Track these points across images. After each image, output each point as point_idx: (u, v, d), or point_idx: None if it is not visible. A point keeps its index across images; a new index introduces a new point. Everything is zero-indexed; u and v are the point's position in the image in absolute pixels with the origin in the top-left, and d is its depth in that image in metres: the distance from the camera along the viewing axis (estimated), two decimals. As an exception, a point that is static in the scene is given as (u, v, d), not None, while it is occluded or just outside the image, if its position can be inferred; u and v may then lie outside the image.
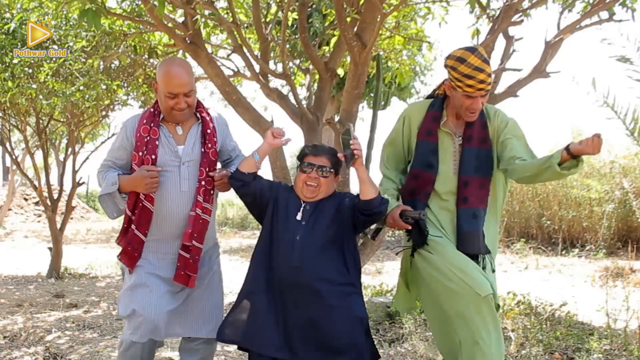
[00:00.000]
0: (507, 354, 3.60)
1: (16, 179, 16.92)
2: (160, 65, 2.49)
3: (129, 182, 2.41)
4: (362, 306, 2.43)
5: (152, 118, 2.47)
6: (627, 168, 9.28)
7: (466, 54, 2.37)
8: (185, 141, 2.50)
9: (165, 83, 2.41)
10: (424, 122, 2.60)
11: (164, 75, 2.42)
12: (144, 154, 2.42)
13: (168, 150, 2.47)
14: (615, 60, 3.09)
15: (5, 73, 5.78)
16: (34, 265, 8.29)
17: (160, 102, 2.47)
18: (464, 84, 2.38)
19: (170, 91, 2.40)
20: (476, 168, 2.52)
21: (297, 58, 7.63)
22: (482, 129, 2.54)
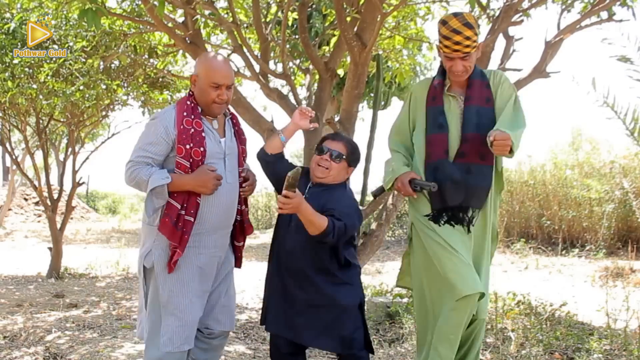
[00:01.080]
0: (507, 354, 3.61)
1: (16, 179, 16.92)
2: (202, 58, 2.47)
3: (189, 181, 2.32)
4: (348, 295, 2.49)
5: (191, 111, 2.41)
6: (627, 168, 9.28)
7: (449, 17, 2.53)
8: (225, 134, 2.52)
9: (210, 74, 2.38)
10: (430, 91, 2.74)
11: (209, 66, 2.40)
12: (192, 146, 2.34)
13: (214, 142, 2.44)
14: (616, 60, 3.09)
15: (5, 73, 5.78)
16: (34, 265, 8.29)
17: (201, 95, 2.42)
18: (443, 44, 2.55)
19: (215, 82, 2.38)
20: (476, 125, 2.61)
21: (297, 58, 7.64)
22: (485, 89, 2.65)
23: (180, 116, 2.37)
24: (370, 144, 4.83)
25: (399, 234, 12.10)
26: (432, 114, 2.70)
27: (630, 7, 4.56)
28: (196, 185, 2.33)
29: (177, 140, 2.34)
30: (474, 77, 2.64)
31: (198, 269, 2.42)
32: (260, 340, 4.18)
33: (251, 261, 9.61)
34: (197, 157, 2.35)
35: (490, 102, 2.63)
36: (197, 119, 2.40)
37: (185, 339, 2.38)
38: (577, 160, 10.26)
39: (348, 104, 4.30)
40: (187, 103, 2.43)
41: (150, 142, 2.36)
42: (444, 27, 2.52)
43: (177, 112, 2.39)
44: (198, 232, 2.40)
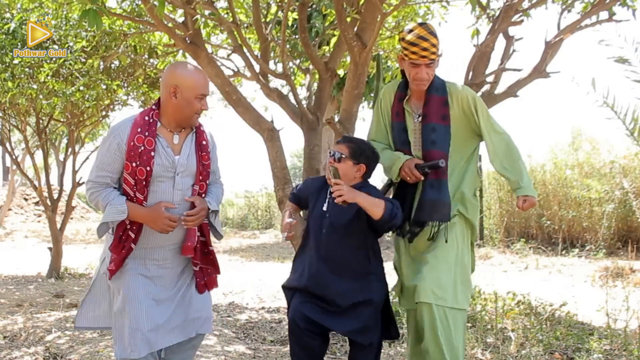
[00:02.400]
0: (507, 354, 3.61)
1: (16, 179, 16.92)
2: (178, 69, 2.38)
3: (143, 216, 2.33)
4: (379, 291, 2.63)
5: (146, 127, 2.35)
6: (627, 168, 9.28)
7: (415, 26, 2.61)
8: (181, 151, 2.43)
9: (197, 85, 2.35)
10: (394, 103, 2.81)
11: (193, 77, 2.35)
12: (138, 165, 2.32)
13: (165, 160, 2.37)
14: (614, 61, 3.09)
15: (6, 73, 5.78)
16: (34, 265, 8.29)
17: (183, 107, 2.36)
18: (409, 51, 2.59)
19: (202, 92, 2.36)
20: (432, 142, 2.68)
21: (297, 58, 7.64)
22: (442, 106, 2.69)
23: (134, 132, 2.33)
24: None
25: (399, 234, 12.10)
26: (396, 130, 2.79)
27: (631, 7, 4.56)
28: (148, 221, 2.34)
29: (126, 157, 2.34)
30: (431, 92, 2.68)
31: (146, 279, 2.40)
32: (260, 340, 4.18)
33: (251, 261, 9.61)
34: (141, 176, 2.33)
35: (446, 119, 2.68)
36: (151, 136, 2.34)
37: (137, 345, 2.31)
38: (577, 160, 10.26)
39: (348, 104, 4.30)
40: (145, 119, 2.37)
41: (106, 161, 2.36)
42: (410, 35, 2.58)
43: (131, 128, 2.35)
44: (143, 246, 2.41)
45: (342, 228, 2.60)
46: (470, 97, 2.70)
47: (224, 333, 4.30)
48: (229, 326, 4.59)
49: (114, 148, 2.35)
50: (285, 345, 4.00)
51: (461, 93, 2.70)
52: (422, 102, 2.72)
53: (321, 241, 2.62)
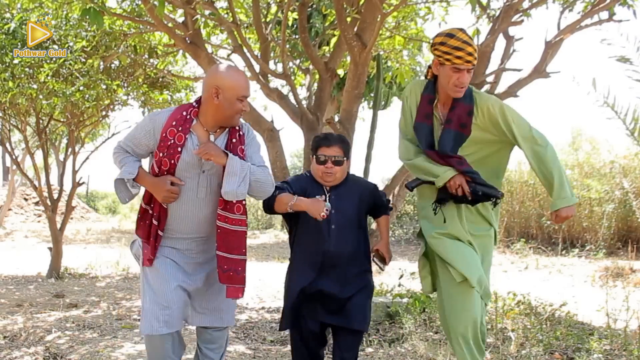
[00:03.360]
0: (507, 354, 3.61)
1: (16, 179, 16.92)
2: (220, 71, 2.44)
3: (149, 183, 2.46)
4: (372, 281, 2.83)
5: (182, 122, 2.43)
6: (627, 168, 9.28)
7: (454, 31, 2.57)
8: None
9: (238, 86, 2.40)
10: (421, 104, 2.76)
11: (236, 79, 2.41)
12: (164, 155, 2.41)
13: (192, 157, 2.43)
14: (615, 60, 3.09)
15: (6, 73, 5.78)
16: (34, 265, 8.29)
17: (224, 108, 2.41)
18: (454, 56, 2.54)
19: (244, 94, 2.42)
20: (450, 148, 2.66)
21: (297, 58, 7.64)
22: (466, 116, 2.66)
23: (168, 124, 2.42)
24: (370, 144, 4.83)
25: (399, 234, 12.10)
26: (424, 132, 2.73)
27: (631, 7, 4.56)
28: (151, 188, 2.46)
29: (157, 145, 2.44)
30: (459, 100, 2.65)
31: (173, 263, 2.49)
32: (260, 340, 4.18)
33: (251, 261, 9.61)
34: (165, 166, 2.43)
35: (466, 128, 2.65)
36: (183, 132, 2.41)
37: (162, 322, 2.38)
38: (577, 160, 10.26)
39: (348, 104, 4.30)
40: (183, 113, 2.45)
41: (137, 136, 2.50)
42: (452, 39, 2.53)
43: (168, 118, 2.44)
44: (170, 236, 2.51)
45: (347, 223, 2.71)
46: (498, 107, 2.65)
47: (224, 333, 4.29)
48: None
49: (146, 130, 2.47)
50: (285, 345, 4.00)
51: (487, 103, 2.66)
52: (447, 108, 2.70)
53: (330, 237, 2.67)
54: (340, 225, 2.69)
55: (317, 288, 2.67)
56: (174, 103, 7.40)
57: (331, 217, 2.63)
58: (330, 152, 2.70)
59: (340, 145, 2.72)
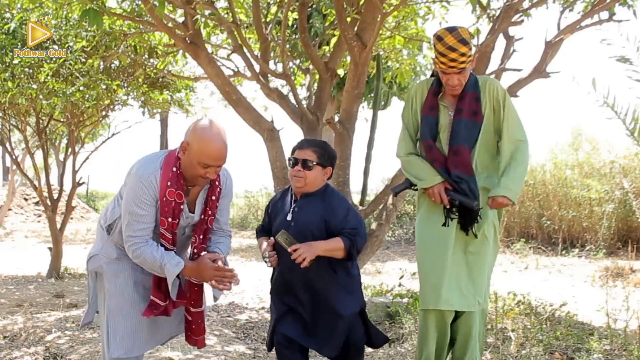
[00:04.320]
0: (507, 354, 3.61)
1: (16, 179, 16.92)
2: (200, 130, 2.23)
3: (192, 271, 2.33)
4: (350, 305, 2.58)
5: (175, 180, 2.26)
6: (627, 168, 9.28)
7: (444, 34, 2.57)
8: (195, 208, 2.40)
9: (202, 152, 2.19)
10: (427, 98, 2.80)
11: (202, 143, 2.19)
12: (172, 220, 2.28)
13: (183, 214, 2.37)
14: (615, 60, 3.08)
15: (6, 73, 5.78)
16: (34, 265, 8.29)
17: (187, 166, 2.26)
18: (439, 60, 2.61)
19: (205, 162, 2.20)
20: (464, 138, 2.69)
21: (297, 58, 7.64)
22: (475, 102, 2.70)
23: (164, 186, 2.24)
24: (370, 144, 4.84)
25: (399, 234, 12.10)
26: (428, 123, 2.77)
27: (631, 7, 4.56)
28: (195, 274, 2.35)
29: (160, 211, 2.27)
30: (467, 89, 2.70)
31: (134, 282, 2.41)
32: (260, 340, 4.18)
33: (251, 261, 9.62)
34: (175, 229, 2.31)
35: (477, 115, 2.69)
36: (180, 190, 2.28)
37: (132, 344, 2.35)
38: (577, 160, 10.26)
39: (348, 104, 4.30)
40: (173, 170, 2.27)
41: (144, 212, 2.26)
42: (439, 44, 2.56)
43: (161, 180, 2.24)
44: None
45: (307, 236, 2.50)
46: (501, 91, 2.72)
47: (224, 333, 4.30)
48: (229, 326, 4.59)
49: (147, 198, 2.25)
50: (285, 345, 3.99)
51: (492, 86, 2.72)
52: (456, 98, 2.73)
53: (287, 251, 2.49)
54: (298, 238, 2.47)
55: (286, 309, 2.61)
56: (174, 103, 7.40)
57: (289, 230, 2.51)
58: (301, 154, 2.56)
59: (314, 149, 2.57)
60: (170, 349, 3.77)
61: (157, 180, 2.24)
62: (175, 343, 3.84)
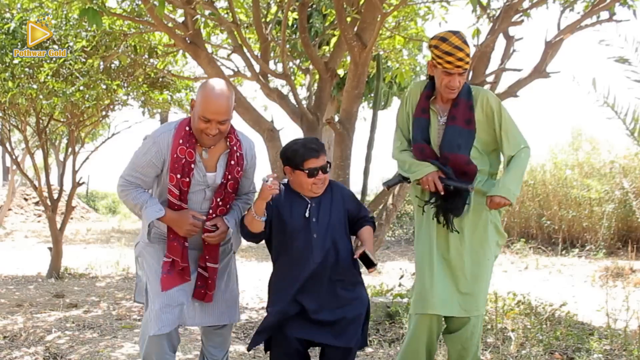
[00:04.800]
0: (507, 354, 3.61)
1: (16, 179, 16.92)
2: (204, 85, 2.40)
3: (169, 219, 2.43)
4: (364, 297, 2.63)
5: (187, 138, 2.40)
6: (627, 168, 9.28)
7: (448, 35, 2.59)
8: (216, 168, 2.50)
9: (203, 106, 2.34)
10: (420, 100, 2.80)
11: (204, 98, 2.35)
12: (181, 177, 2.39)
13: (199, 172, 2.46)
14: (614, 61, 3.09)
15: (6, 73, 5.78)
16: (34, 265, 8.29)
17: (193, 122, 2.41)
18: (444, 60, 2.58)
19: (205, 116, 2.33)
20: (458, 146, 2.68)
21: (297, 58, 7.64)
22: (468, 111, 2.70)
23: (176, 143, 2.38)
24: (370, 144, 4.83)
25: (399, 234, 12.10)
26: (419, 126, 2.77)
27: (631, 7, 4.56)
28: (172, 223, 2.44)
29: (170, 168, 2.39)
30: (461, 96, 2.70)
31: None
32: (260, 340, 4.17)
33: (251, 261, 9.61)
34: (185, 187, 2.42)
35: (471, 124, 2.69)
36: (191, 148, 2.40)
37: (163, 322, 2.41)
38: (577, 160, 10.26)
39: (348, 104, 4.30)
40: (186, 129, 2.42)
41: (140, 163, 2.44)
42: (444, 44, 2.56)
43: (174, 138, 2.40)
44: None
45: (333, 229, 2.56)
46: (493, 100, 2.72)
47: (224, 333, 4.29)
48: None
49: (151, 154, 2.42)
50: (285, 345, 3.99)
51: (484, 96, 2.72)
52: (447, 104, 2.73)
53: (314, 247, 2.51)
54: (322, 234, 2.52)
55: (300, 305, 2.51)
56: (174, 103, 7.40)
57: (312, 226, 2.52)
58: (320, 162, 2.52)
59: (323, 152, 2.56)
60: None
61: (170, 138, 2.40)
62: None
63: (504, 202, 2.61)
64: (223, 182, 2.50)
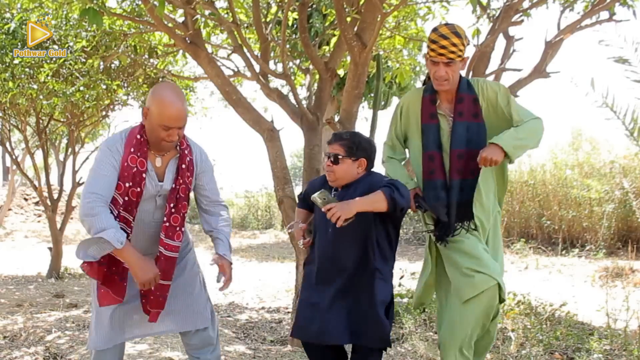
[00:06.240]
0: (507, 354, 3.61)
1: (16, 179, 16.92)
2: (155, 93, 2.32)
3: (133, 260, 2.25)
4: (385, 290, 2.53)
5: (139, 147, 2.33)
6: (627, 168, 9.28)
7: (440, 25, 2.61)
8: (165, 177, 2.43)
9: (161, 115, 2.27)
10: (423, 106, 2.76)
11: (161, 106, 2.27)
12: (130, 185, 2.31)
13: (151, 181, 2.40)
14: (613, 61, 3.09)
15: (6, 73, 5.78)
16: (34, 265, 8.29)
17: (150, 131, 2.33)
18: (430, 48, 2.60)
19: (166, 124, 2.27)
20: (467, 141, 2.65)
21: (297, 58, 7.64)
22: (474, 105, 2.68)
23: (127, 152, 2.31)
24: (370, 144, 4.82)
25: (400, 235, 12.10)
26: (429, 132, 2.73)
27: (631, 7, 4.56)
28: (134, 265, 2.26)
29: (119, 176, 2.31)
30: (462, 91, 2.68)
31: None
32: (260, 340, 4.18)
33: (251, 261, 9.61)
34: (133, 197, 2.33)
35: (478, 117, 2.67)
36: (143, 157, 2.34)
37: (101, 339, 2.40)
38: (577, 160, 10.26)
39: (348, 104, 4.30)
40: (137, 137, 2.34)
41: (101, 174, 2.29)
42: (433, 33, 2.59)
43: (125, 147, 2.32)
44: None
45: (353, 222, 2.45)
46: (497, 88, 2.70)
47: (224, 333, 4.30)
48: (229, 326, 4.60)
49: (107, 164, 2.30)
50: (285, 345, 4.00)
51: (486, 86, 2.71)
52: (452, 104, 2.71)
53: (328, 240, 2.55)
54: (338, 229, 2.43)
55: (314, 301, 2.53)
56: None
57: (328, 220, 2.42)
58: (331, 149, 2.60)
59: (340, 142, 2.58)
60: (170, 349, 3.77)
61: (121, 147, 2.33)
62: (175, 343, 3.84)
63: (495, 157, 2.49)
64: (174, 187, 2.43)
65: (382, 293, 2.51)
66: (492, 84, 2.73)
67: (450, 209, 2.66)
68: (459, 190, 2.67)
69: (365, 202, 2.40)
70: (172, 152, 2.44)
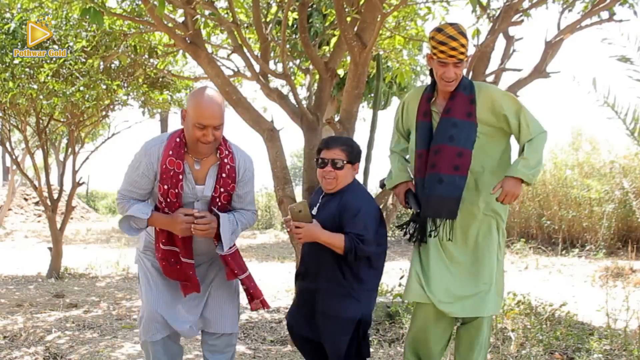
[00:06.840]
0: (507, 354, 3.61)
1: (16, 179, 16.92)
2: (194, 94, 2.42)
3: (163, 222, 2.43)
4: (349, 310, 2.50)
5: (177, 149, 2.41)
6: (627, 168, 9.28)
7: (445, 26, 2.60)
8: (205, 181, 2.49)
9: (197, 113, 2.34)
10: (420, 104, 2.78)
11: (196, 105, 2.36)
12: (169, 187, 2.39)
13: (187, 184, 2.45)
14: (616, 60, 3.09)
15: (6, 73, 5.78)
16: (34, 265, 8.29)
17: (187, 131, 2.40)
18: (438, 50, 2.58)
19: (200, 122, 2.33)
20: (449, 138, 2.63)
21: (297, 58, 7.63)
22: (469, 104, 2.67)
23: (166, 154, 2.39)
24: (370, 144, 4.83)
25: (398, 234, 12.09)
26: (422, 130, 2.75)
27: (632, 7, 4.56)
28: (167, 225, 2.44)
29: (159, 179, 2.41)
30: (458, 89, 2.67)
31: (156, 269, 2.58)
32: (260, 340, 4.18)
33: (251, 261, 9.61)
34: (173, 198, 2.41)
35: (472, 116, 2.65)
36: (180, 159, 2.40)
37: (149, 330, 2.48)
38: (577, 160, 10.26)
39: (348, 104, 4.30)
40: (177, 140, 2.42)
41: (134, 178, 2.45)
42: (439, 34, 2.57)
43: (165, 149, 2.40)
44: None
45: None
46: (501, 96, 2.68)
47: (224, 333, 4.29)
48: (229, 326, 4.59)
49: (143, 168, 2.42)
50: (285, 345, 4.00)
51: (489, 92, 2.68)
52: (446, 100, 2.70)
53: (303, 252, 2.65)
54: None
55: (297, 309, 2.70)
56: (174, 103, 7.40)
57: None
58: (330, 154, 2.58)
59: (342, 147, 2.58)
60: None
61: (160, 150, 2.41)
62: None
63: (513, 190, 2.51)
64: (214, 196, 2.48)
65: (347, 312, 2.49)
66: (495, 89, 2.72)
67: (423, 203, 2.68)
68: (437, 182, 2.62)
69: (327, 239, 2.46)
70: (212, 159, 2.48)
